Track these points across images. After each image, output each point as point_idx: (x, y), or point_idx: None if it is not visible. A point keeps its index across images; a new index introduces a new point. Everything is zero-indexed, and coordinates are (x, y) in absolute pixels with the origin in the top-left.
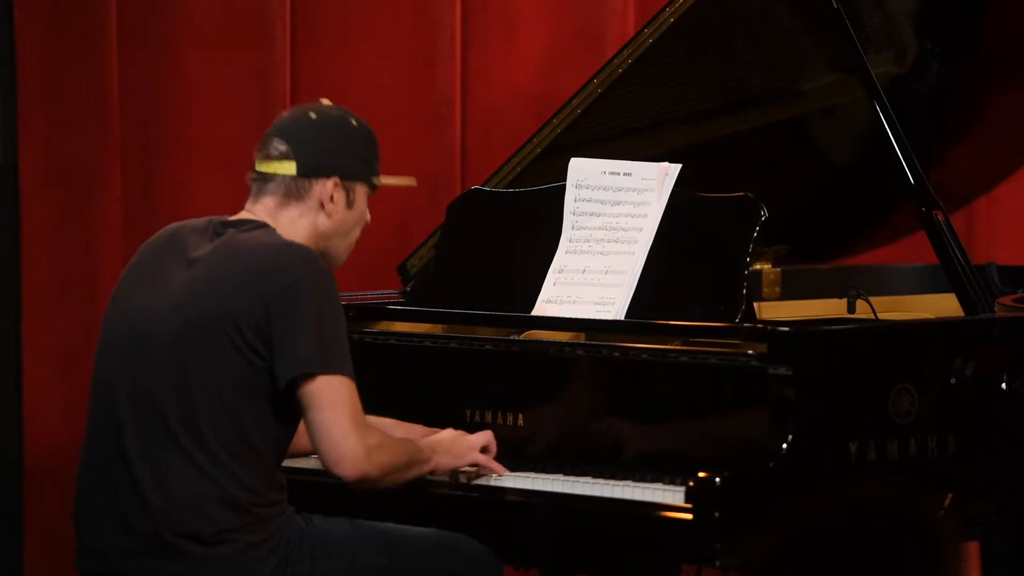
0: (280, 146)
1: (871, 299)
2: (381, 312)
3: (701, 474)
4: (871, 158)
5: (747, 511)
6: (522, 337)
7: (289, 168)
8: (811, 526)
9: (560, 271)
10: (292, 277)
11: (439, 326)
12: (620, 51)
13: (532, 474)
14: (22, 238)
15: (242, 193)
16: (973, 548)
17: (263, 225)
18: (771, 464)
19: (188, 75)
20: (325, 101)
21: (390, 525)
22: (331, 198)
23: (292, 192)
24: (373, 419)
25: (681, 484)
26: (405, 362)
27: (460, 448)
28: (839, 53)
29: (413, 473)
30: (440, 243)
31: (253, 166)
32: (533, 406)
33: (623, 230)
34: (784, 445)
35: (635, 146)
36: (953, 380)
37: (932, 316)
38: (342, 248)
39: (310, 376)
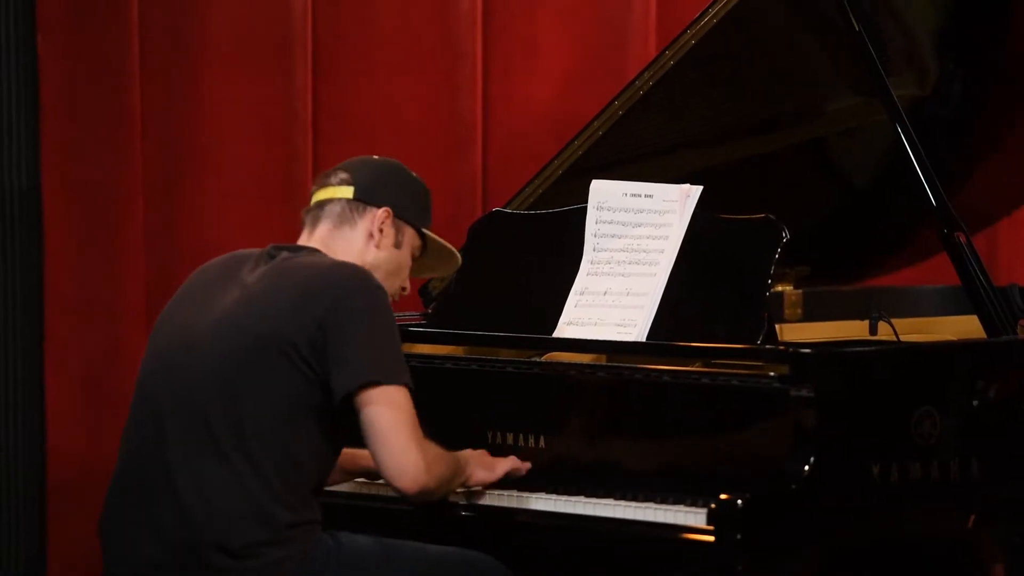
0: (340, 174)
1: (893, 321)
2: (402, 334)
3: (723, 496)
4: (893, 180)
5: (769, 533)
6: (543, 359)
7: (346, 192)
8: (833, 548)
9: (581, 293)
10: (343, 291)
11: (460, 348)
12: (641, 73)
13: (554, 496)
14: (45, 261)
15: (262, 216)
16: (998, 570)
17: (316, 251)
18: (793, 486)
19: (210, 100)
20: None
21: (415, 544)
22: (380, 229)
23: (346, 217)
24: None
25: (703, 506)
26: (426, 384)
27: (489, 461)
28: (860, 75)
29: (456, 484)
30: (461, 265)
31: (309, 202)
32: (554, 428)
33: (644, 252)
34: (806, 467)
35: (656, 168)
36: (975, 402)
37: (954, 338)
38: (388, 287)
39: (368, 387)
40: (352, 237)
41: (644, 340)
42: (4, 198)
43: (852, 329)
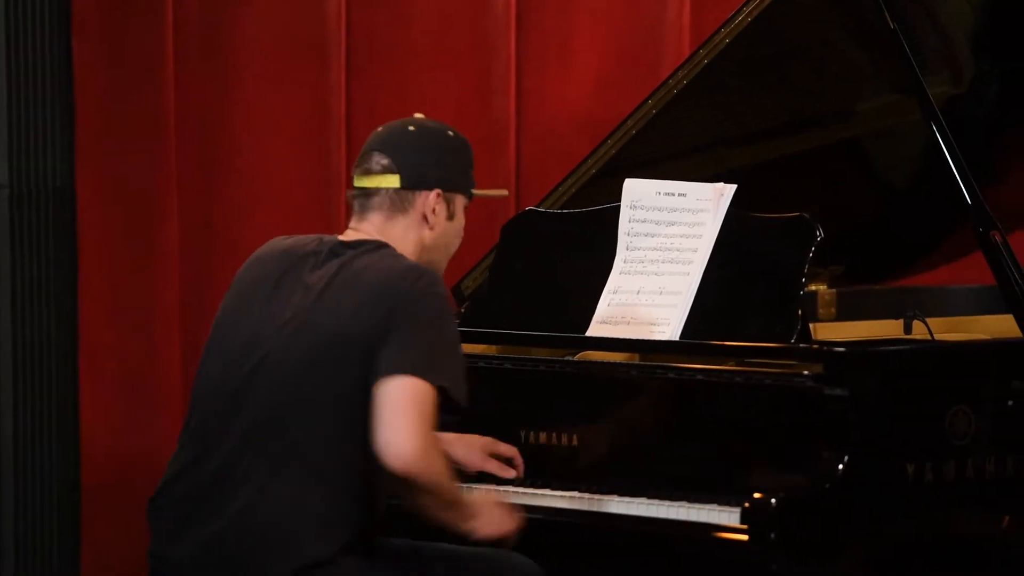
0: (382, 160)
1: (928, 320)
2: None
3: (756, 495)
4: (928, 178)
5: (803, 532)
6: (576, 358)
7: (392, 181)
8: (867, 548)
9: (614, 292)
10: (411, 297)
11: (493, 347)
12: (675, 72)
13: (587, 495)
14: (79, 262)
15: (297, 214)
16: None
17: (381, 245)
18: (827, 485)
19: (244, 100)
20: (418, 115)
21: (447, 544)
22: (433, 210)
23: (397, 205)
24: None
25: (736, 505)
26: None
27: (499, 517)
28: (896, 74)
29: (449, 515)
30: (494, 264)
31: (351, 184)
32: (588, 427)
33: (678, 251)
34: (840, 466)
35: (690, 167)
36: (1011, 402)
37: (989, 337)
38: (442, 259)
39: (396, 375)
40: (407, 224)
41: (677, 339)
42: (39, 198)
43: (886, 328)
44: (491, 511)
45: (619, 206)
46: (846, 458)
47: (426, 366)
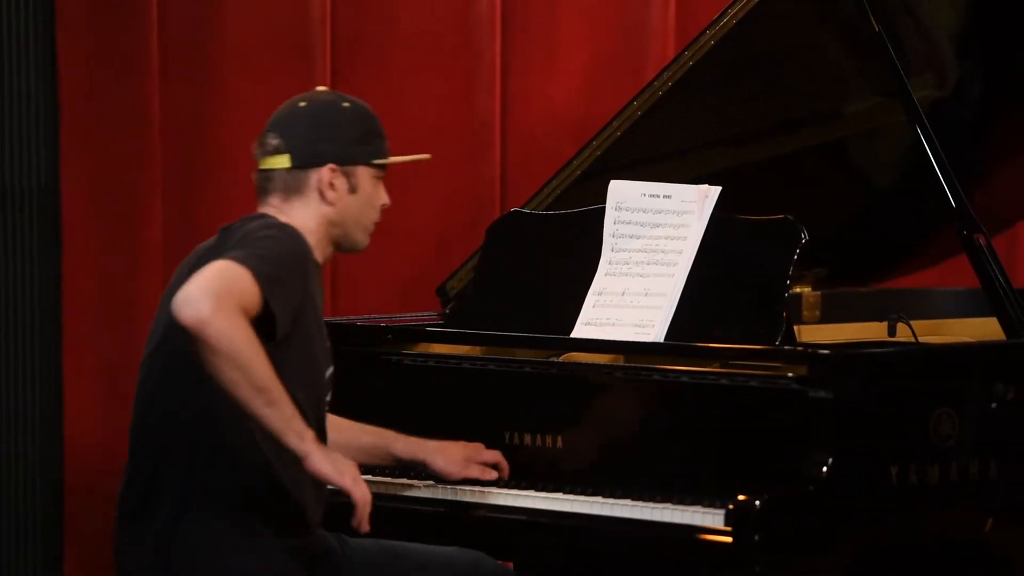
0: (272, 140)
1: (912, 323)
2: (420, 334)
3: (741, 497)
4: (912, 181)
5: (787, 534)
6: (561, 359)
7: (283, 161)
8: (851, 550)
9: (599, 293)
10: (258, 230)
11: (478, 348)
12: (660, 74)
13: (571, 496)
14: (63, 260)
15: None
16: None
17: (263, 215)
18: (811, 487)
19: (229, 99)
20: (320, 88)
21: (417, 545)
22: (330, 185)
23: (291, 186)
24: (335, 419)
25: (721, 507)
26: (443, 384)
27: (343, 466)
28: (880, 76)
29: (268, 412)
30: (479, 265)
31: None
32: (572, 428)
33: (663, 252)
34: (824, 468)
35: (675, 168)
36: (994, 404)
37: (973, 340)
38: (356, 233)
39: (217, 260)
40: (304, 203)
41: (662, 341)
42: (23, 196)
43: (870, 331)
44: (334, 456)
45: (604, 207)
46: (830, 460)
47: (251, 262)
